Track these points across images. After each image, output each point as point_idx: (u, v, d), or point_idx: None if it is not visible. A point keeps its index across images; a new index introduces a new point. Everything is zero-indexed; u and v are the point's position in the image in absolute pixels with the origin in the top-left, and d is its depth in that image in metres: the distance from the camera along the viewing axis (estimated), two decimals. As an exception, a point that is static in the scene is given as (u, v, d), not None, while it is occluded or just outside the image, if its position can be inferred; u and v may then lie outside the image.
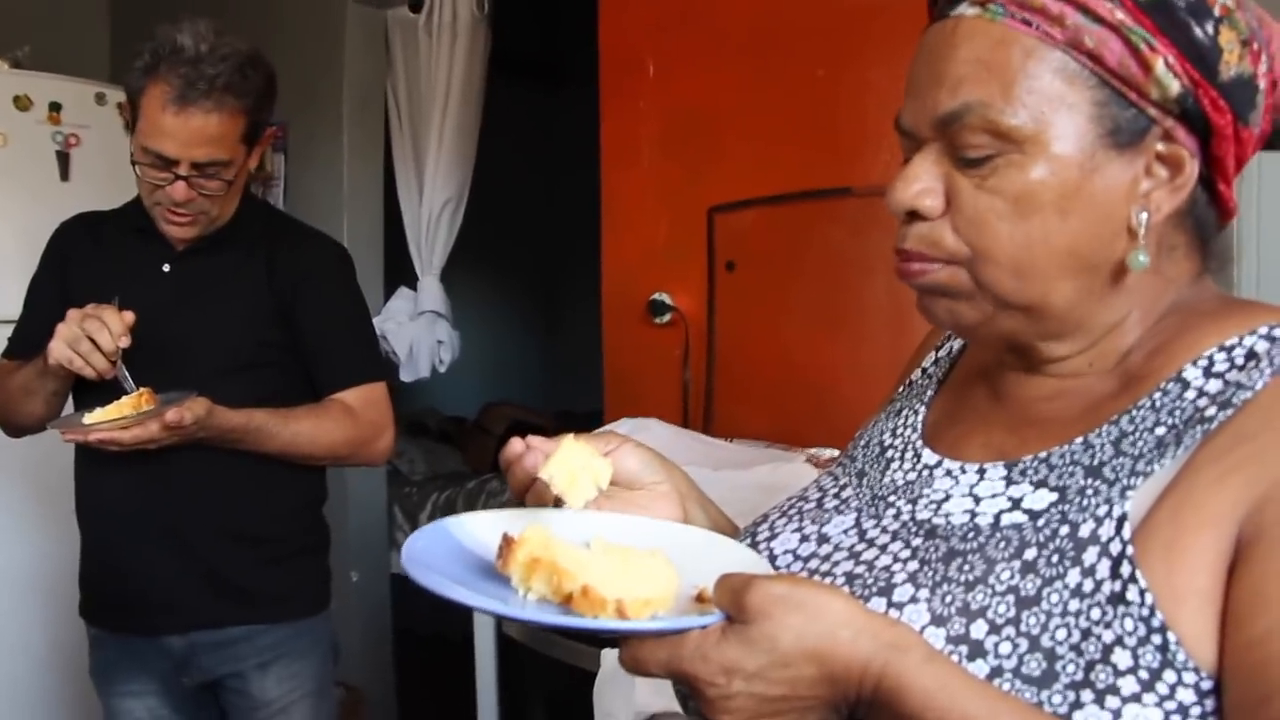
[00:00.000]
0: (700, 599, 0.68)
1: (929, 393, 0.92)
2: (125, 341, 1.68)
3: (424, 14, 3.41)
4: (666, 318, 2.63)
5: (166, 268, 1.88)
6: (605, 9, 2.76)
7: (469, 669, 2.38)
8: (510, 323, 6.17)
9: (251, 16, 3.57)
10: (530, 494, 0.81)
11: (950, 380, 0.93)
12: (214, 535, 1.84)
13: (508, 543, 0.68)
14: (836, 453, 2.12)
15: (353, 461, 1.96)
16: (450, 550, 0.72)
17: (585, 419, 5.35)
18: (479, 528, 0.76)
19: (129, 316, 1.70)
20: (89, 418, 1.67)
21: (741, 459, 2.12)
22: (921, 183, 0.76)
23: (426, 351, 3.48)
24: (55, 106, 3.15)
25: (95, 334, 1.67)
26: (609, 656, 1.75)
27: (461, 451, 5.00)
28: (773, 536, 0.84)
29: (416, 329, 3.46)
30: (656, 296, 2.64)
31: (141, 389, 1.69)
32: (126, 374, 1.72)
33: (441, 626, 4.21)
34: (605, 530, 0.75)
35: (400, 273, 3.65)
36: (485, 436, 4.90)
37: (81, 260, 1.79)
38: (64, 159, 3.16)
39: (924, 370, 0.97)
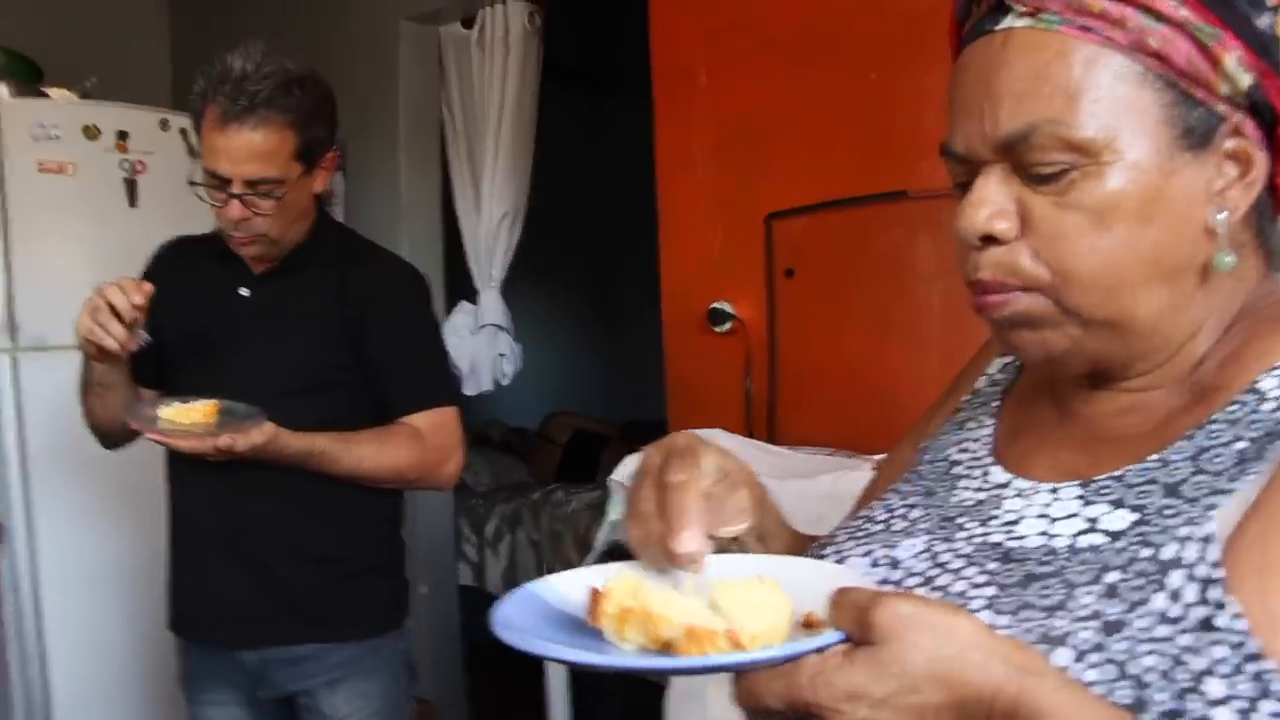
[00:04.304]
0: (809, 624, 0.64)
1: (995, 404, 0.89)
2: (140, 300, 1.71)
3: (476, 29, 3.43)
4: (727, 326, 2.62)
5: (244, 291, 1.91)
6: (656, 19, 2.75)
7: (540, 680, 2.39)
8: (569, 332, 6.19)
9: (305, 38, 3.62)
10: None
11: (1013, 393, 0.89)
12: (286, 553, 1.87)
13: (596, 595, 0.67)
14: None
15: (420, 485, 1.97)
16: (538, 611, 0.71)
17: (648, 428, 5.35)
18: (565, 586, 0.74)
19: (147, 285, 1.73)
20: (161, 411, 1.72)
21: (807, 467, 2.10)
22: (993, 205, 0.72)
23: (488, 365, 3.50)
24: (122, 134, 3.21)
25: (112, 297, 1.70)
26: (679, 671, 1.74)
27: (525, 462, 5.02)
28: (841, 559, 0.82)
29: (478, 343, 3.48)
30: (716, 305, 2.62)
31: (209, 400, 1.73)
32: (144, 335, 1.74)
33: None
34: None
35: (460, 287, 3.67)
36: (549, 446, 4.92)
37: (168, 284, 1.83)
38: (131, 185, 3.22)
39: (990, 379, 0.93)
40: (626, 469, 2.07)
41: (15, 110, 3.08)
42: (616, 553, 2.17)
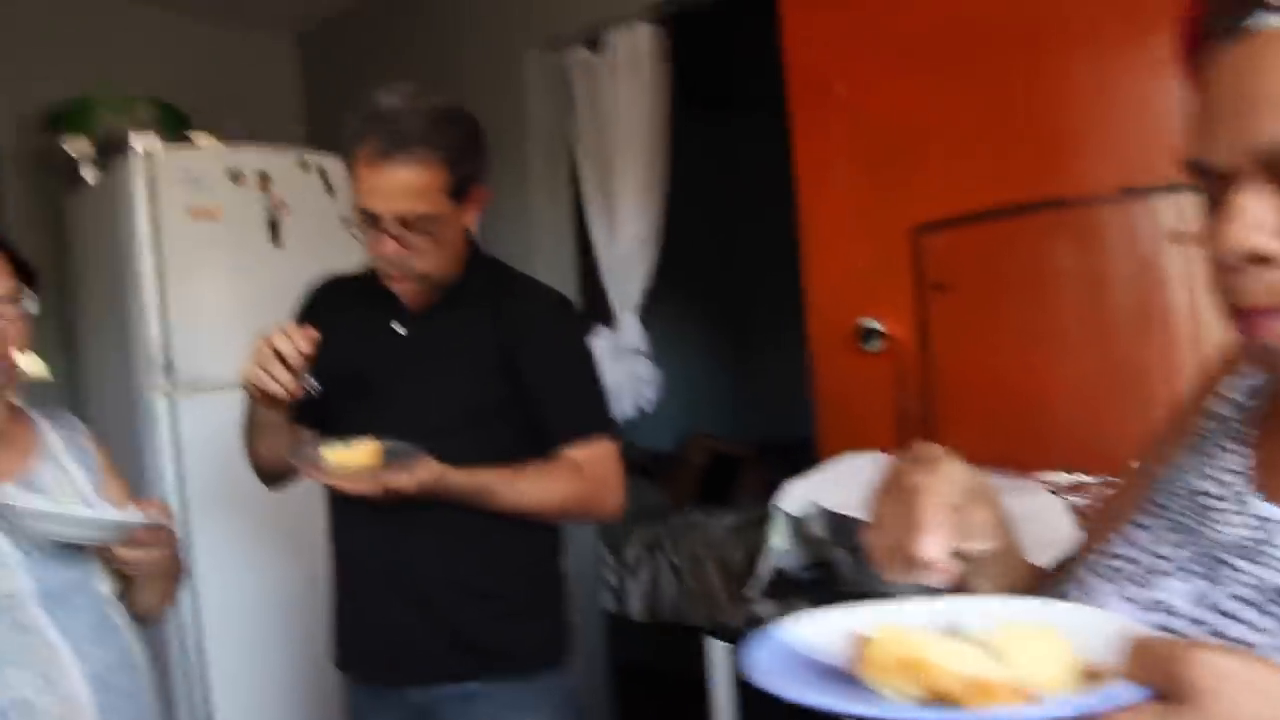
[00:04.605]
0: (1092, 675, 0.59)
1: (1243, 429, 0.80)
2: (307, 348, 1.73)
3: (604, 53, 3.42)
4: (876, 344, 2.55)
5: (400, 328, 1.92)
6: (789, 30, 2.70)
7: (688, 704, 2.33)
8: (698, 353, 6.15)
9: (431, 71, 3.68)
10: None
11: (1271, 418, 0.80)
12: (451, 589, 1.86)
13: (862, 643, 0.63)
14: (1076, 479, 2.00)
15: (583, 519, 1.96)
16: (788, 656, 0.67)
17: (783, 450, 5.28)
18: (813, 630, 0.70)
19: (312, 332, 1.75)
20: (325, 450, 1.73)
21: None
22: (1260, 222, 0.65)
23: (629, 390, 3.48)
24: (264, 176, 3.30)
25: (279, 345, 1.72)
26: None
27: (662, 485, 5.00)
28: (1092, 599, 0.76)
29: (617, 368, 3.47)
30: (864, 322, 2.55)
31: (372, 441, 1.74)
32: (312, 381, 1.78)
33: (658, 663, 4.22)
34: (957, 614, 0.69)
35: (593, 313, 3.66)
36: (687, 469, 4.88)
37: (322, 323, 1.85)
38: (274, 225, 3.30)
39: (1233, 402, 0.84)
40: (794, 493, 2.02)
41: (167, 159, 3.18)
42: (782, 580, 2.13)
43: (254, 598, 3.14)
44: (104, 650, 1.52)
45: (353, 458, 1.73)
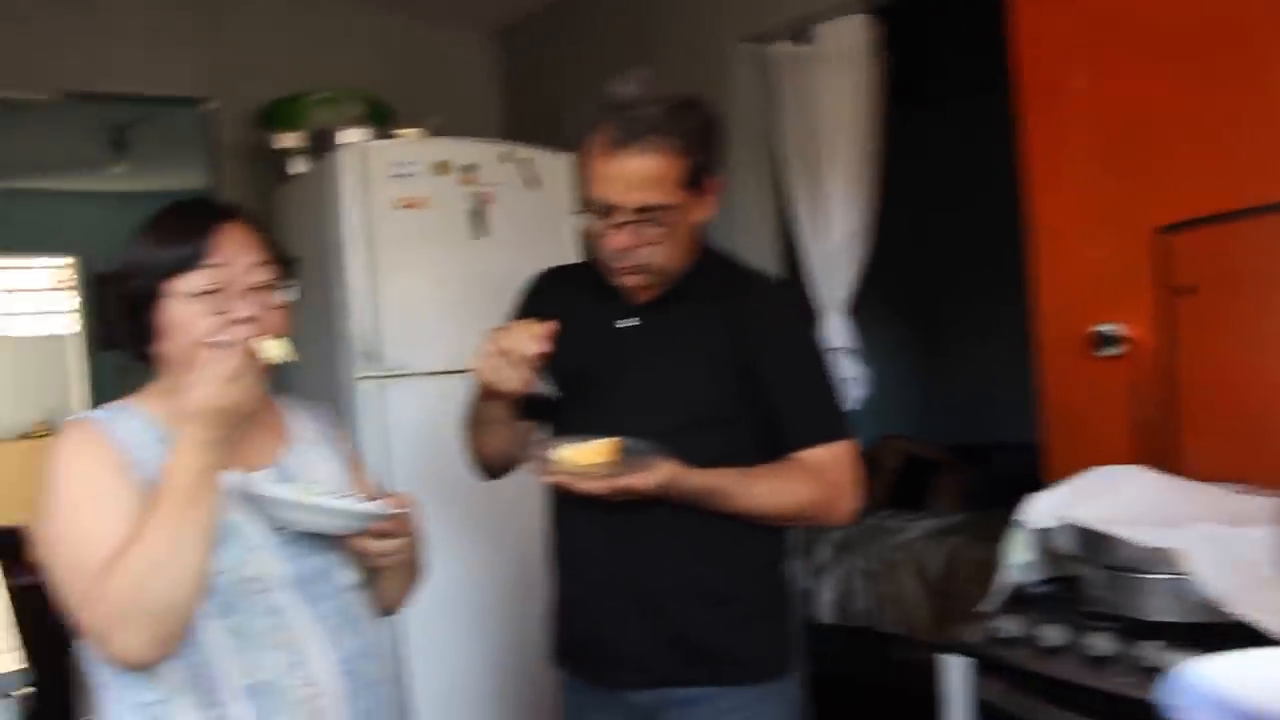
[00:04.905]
0: None
1: None
2: (541, 347, 1.71)
3: (813, 45, 3.33)
4: (1114, 349, 2.39)
5: (626, 323, 1.87)
6: (1023, 19, 2.56)
7: (880, 711, 2.21)
8: (890, 353, 5.99)
9: (635, 62, 3.64)
10: None
11: None
12: (682, 593, 1.81)
13: None
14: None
15: (816, 522, 1.89)
16: (1218, 702, 0.60)
17: (978, 453, 5.10)
18: (1224, 669, 0.63)
19: (550, 327, 1.72)
20: (557, 453, 1.69)
21: (1233, 508, 1.86)
22: None
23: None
24: (469, 168, 3.33)
25: (512, 344, 1.70)
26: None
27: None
28: None
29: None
30: (1100, 327, 2.40)
31: (605, 440, 1.69)
32: (546, 383, 1.77)
33: (847, 667, 4.13)
34: None
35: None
36: (880, 472, 4.75)
37: (546, 314, 1.82)
38: (478, 217, 3.33)
39: None
40: (1040, 506, 1.90)
41: (375, 152, 3.24)
42: (1020, 596, 2.01)
43: (459, 588, 3.17)
44: (350, 638, 1.53)
45: (586, 456, 1.69)
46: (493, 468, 2.01)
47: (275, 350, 1.50)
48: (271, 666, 1.45)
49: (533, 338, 1.71)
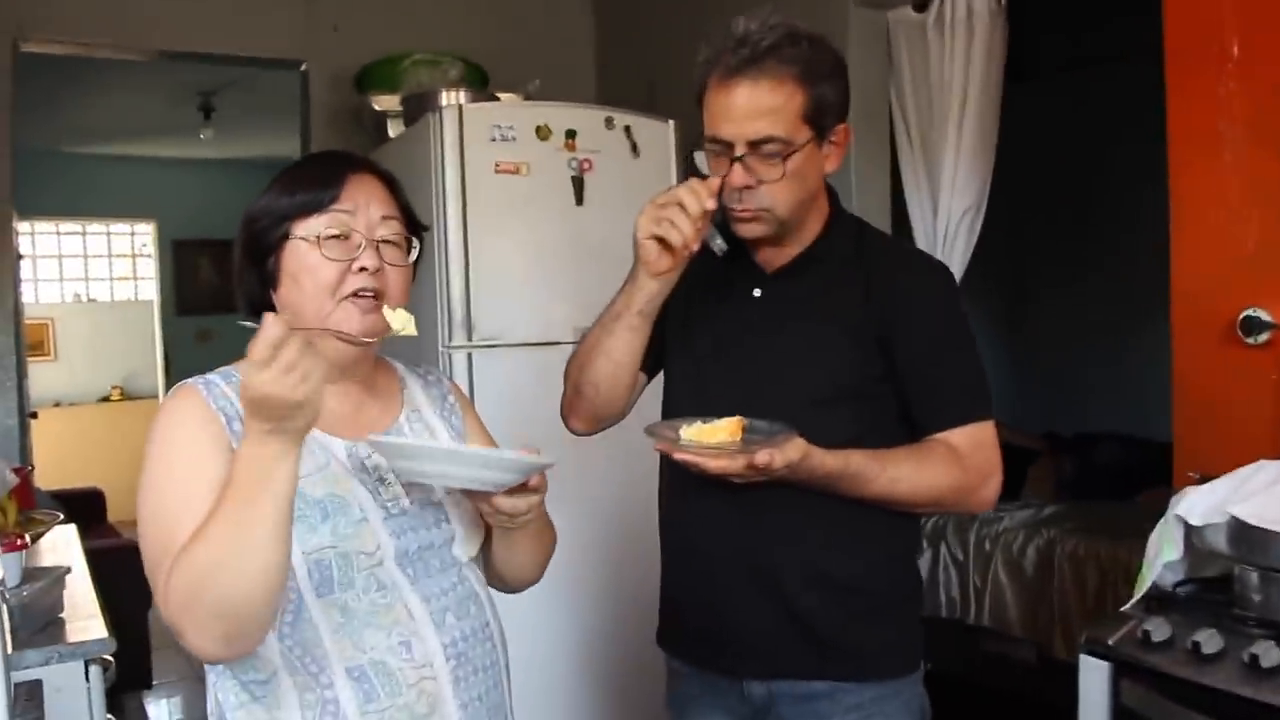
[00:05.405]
0: None
1: None
2: (712, 204, 1.61)
3: (933, 12, 3.19)
4: (1263, 335, 2.24)
5: (757, 292, 1.76)
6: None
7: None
8: (984, 339, 5.83)
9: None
10: None
11: None
12: (805, 581, 1.69)
13: None
14: None
15: (954, 510, 1.77)
16: None
17: (1072, 442, 4.93)
18: None
19: (714, 182, 1.62)
20: (684, 431, 1.58)
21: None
22: None
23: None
24: (570, 134, 3.24)
25: (683, 197, 1.60)
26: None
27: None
28: None
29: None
30: (1248, 312, 2.25)
31: (732, 419, 1.58)
32: (716, 235, 1.67)
33: (943, 664, 3.98)
34: None
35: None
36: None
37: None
38: (578, 183, 3.24)
39: None
40: (1196, 501, 1.77)
41: (475, 114, 3.16)
42: (1162, 597, 1.89)
43: (552, 566, 3.08)
44: (461, 619, 1.44)
45: (713, 434, 1.58)
46: (595, 402, 1.85)
47: (399, 321, 1.41)
48: (381, 647, 1.35)
49: (702, 194, 1.60)
